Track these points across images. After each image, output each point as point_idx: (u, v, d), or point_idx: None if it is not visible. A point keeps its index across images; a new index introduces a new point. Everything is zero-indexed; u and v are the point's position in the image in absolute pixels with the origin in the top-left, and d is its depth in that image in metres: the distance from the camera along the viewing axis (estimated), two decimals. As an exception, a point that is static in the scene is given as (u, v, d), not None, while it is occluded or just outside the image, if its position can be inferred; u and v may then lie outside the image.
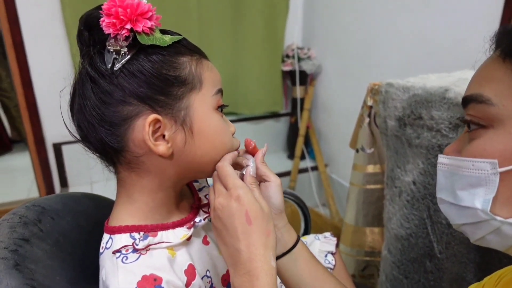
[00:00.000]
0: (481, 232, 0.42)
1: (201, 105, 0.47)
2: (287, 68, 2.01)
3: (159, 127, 0.44)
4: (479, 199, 0.41)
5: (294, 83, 2.03)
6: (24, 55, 1.61)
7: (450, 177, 0.45)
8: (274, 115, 2.18)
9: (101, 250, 0.47)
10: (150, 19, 0.43)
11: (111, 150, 0.45)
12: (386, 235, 1.00)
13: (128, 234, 0.46)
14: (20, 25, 1.56)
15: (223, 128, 0.49)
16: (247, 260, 0.42)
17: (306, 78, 2.02)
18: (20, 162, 2.49)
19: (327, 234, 0.84)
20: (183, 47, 0.47)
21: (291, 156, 2.14)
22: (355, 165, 1.10)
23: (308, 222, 1.00)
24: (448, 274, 0.86)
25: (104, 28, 0.42)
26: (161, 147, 0.44)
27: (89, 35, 0.44)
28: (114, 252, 0.45)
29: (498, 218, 0.40)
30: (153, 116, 0.43)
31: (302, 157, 2.07)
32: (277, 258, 0.55)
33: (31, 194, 2.19)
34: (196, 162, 0.48)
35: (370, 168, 1.07)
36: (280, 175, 2.01)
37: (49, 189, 1.85)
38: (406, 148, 0.90)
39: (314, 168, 2.05)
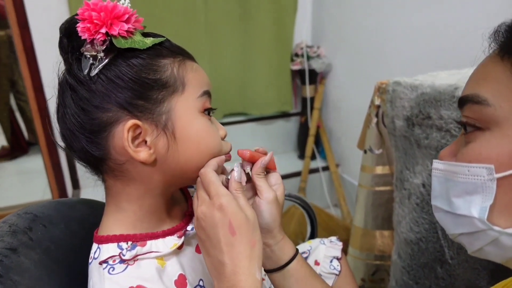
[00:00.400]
0: (478, 243, 0.40)
1: (183, 108, 0.45)
2: (296, 67, 1.98)
3: (140, 132, 0.43)
4: (476, 207, 0.38)
5: (303, 82, 2.00)
6: (35, 59, 1.63)
7: (445, 183, 0.43)
8: (284, 115, 2.16)
9: (89, 260, 0.46)
10: (127, 21, 0.42)
11: (93, 158, 0.44)
12: (395, 239, 0.96)
13: (115, 244, 0.45)
14: (30, 30, 1.59)
15: (209, 132, 0.47)
16: (231, 274, 0.40)
17: (315, 77, 1.99)
18: (36, 164, 2.54)
19: (333, 238, 0.81)
20: (166, 49, 0.45)
21: (301, 156, 2.11)
22: (363, 166, 1.07)
23: (314, 226, 0.98)
24: (460, 281, 0.82)
25: (80, 34, 0.41)
26: (142, 154, 0.43)
27: (68, 42, 0.43)
28: (101, 263, 0.44)
29: (496, 228, 0.37)
30: (131, 121, 0.42)
31: (313, 157, 2.04)
32: (267, 271, 0.53)
33: (45, 195, 2.23)
34: (181, 168, 0.46)
35: (379, 170, 1.04)
36: (290, 175, 2.00)
37: (62, 191, 1.88)
38: (415, 149, 0.86)
39: (325, 168, 2.02)
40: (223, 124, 2.00)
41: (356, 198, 1.12)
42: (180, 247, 0.48)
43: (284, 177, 2.07)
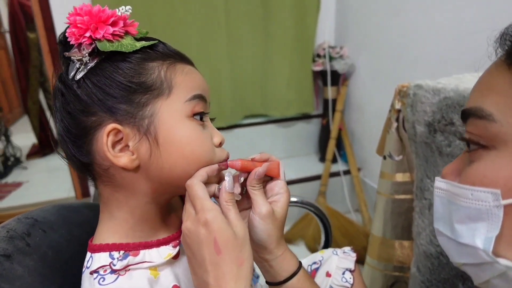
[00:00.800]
0: (485, 275, 0.35)
1: (168, 112, 0.43)
2: (318, 68, 1.94)
3: (122, 137, 0.42)
4: (480, 237, 0.33)
5: (325, 84, 1.95)
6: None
7: (447, 205, 0.38)
8: (305, 117, 2.12)
9: (83, 269, 0.45)
10: (113, 25, 0.41)
11: (81, 163, 0.44)
12: (415, 251, 0.91)
13: (107, 253, 0.44)
14: (56, 33, 1.63)
15: (197, 138, 0.44)
16: None
17: (338, 78, 1.94)
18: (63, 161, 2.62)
19: (347, 249, 0.77)
20: (157, 52, 0.44)
21: (322, 159, 2.06)
22: (382, 172, 1.03)
23: (328, 235, 0.94)
24: (484, 300, 0.76)
25: (68, 39, 0.41)
26: (123, 159, 0.41)
27: (63, 48, 0.43)
28: (91, 273, 0.43)
29: (503, 261, 0.32)
30: (111, 125, 0.41)
31: (334, 160, 1.99)
32: (267, 283, 0.50)
33: (70, 193, 2.30)
34: (166, 176, 0.44)
35: (399, 177, 0.99)
36: (310, 178, 1.96)
37: (84, 189, 1.93)
38: (436, 157, 0.81)
39: (347, 172, 1.96)
40: (243, 125, 1.98)
41: (374, 206, 1.07)
42: (175, 257, 0.47)
43: (304, 180, 2.04)
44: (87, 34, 0.40)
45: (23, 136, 3.16)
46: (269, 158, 0.51)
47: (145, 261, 0.44)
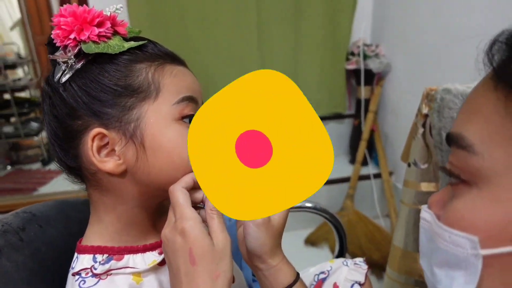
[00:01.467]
0: None
1: (155, 115, 0.41)
2: (351, 66, 1.86)
3: (108, 142, 0.41)
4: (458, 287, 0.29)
5: (359, 83, 1.88)
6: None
7: (430, 242, 0.33)
8: (336, 117, 2.05)
9: (69, 269, 0.45)
10: (99, 26, 0.40)
11: (68, 167, 0.44)
12: (436, 267, 0.85)
13: (91, 256, 0.43)
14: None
15: (185, 142, 0.42)
16: None
17: (372, 78, 1.85)
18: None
19: (358, 260, 0.73)
20: (146, 53, 0.43)
21: (353, 161, 1.99)
22: (406, 181, 0.96)
23: (343, 244, 0.90)
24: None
25: (54, 40, 0.40)
26: (109, 164, 0.41)
27: (51, 50, 0.43)
28: (73, 274, 0.43)
29: None
30: (96, 130, 0.40)
31: (365, 163, 1.91)
32: None
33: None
34: (153, 180, 0.42)
35: (424, 186, 0.92)
36: (339, 180, 1.90)
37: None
38: (462, 168, 0.74)
39: (377, 176, 1.88)
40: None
41: (397, 215, 1.01)
42: (161, 264, 0.46)
43: (332, 182, 1.97)
44: (72, 36, 0.39)
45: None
46: None
47: (128, 267, 0.43)
